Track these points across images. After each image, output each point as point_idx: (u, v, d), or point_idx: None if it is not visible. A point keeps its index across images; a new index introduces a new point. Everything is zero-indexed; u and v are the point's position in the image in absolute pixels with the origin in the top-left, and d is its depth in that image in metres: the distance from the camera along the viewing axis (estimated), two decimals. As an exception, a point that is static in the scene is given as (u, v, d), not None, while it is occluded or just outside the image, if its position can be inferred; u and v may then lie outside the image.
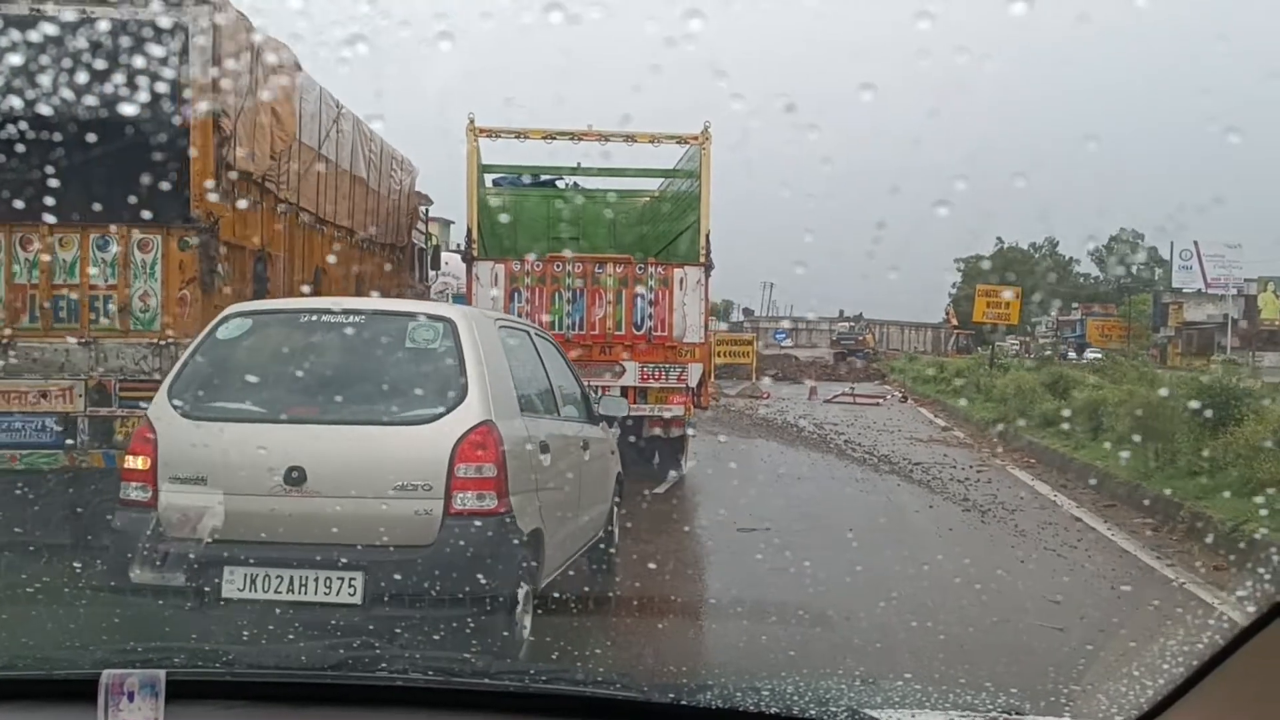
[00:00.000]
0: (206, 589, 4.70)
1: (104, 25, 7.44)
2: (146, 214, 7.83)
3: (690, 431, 12.58)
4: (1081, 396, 16.17)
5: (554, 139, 12.31)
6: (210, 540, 4.74)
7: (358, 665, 2.13)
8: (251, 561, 4.73)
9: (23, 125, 7.96)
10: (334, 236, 10.50)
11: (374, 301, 8.62)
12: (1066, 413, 15.39)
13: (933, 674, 4.90)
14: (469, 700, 2.01)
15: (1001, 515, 10.27)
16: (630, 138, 12.31)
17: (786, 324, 58.40)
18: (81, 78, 7.36)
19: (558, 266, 11.79)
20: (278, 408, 5.12)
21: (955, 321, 59.30)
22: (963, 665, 5.21)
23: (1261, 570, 2.21)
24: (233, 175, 8.12)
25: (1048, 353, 41.03)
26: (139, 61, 7.47)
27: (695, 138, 12.12)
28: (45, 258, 7.78)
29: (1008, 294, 31.13)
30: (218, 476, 4.85)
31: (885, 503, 11.06)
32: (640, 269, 11.88)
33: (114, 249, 7.81)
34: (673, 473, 12.59)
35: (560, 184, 14.90)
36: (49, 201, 7.60)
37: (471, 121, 12.12)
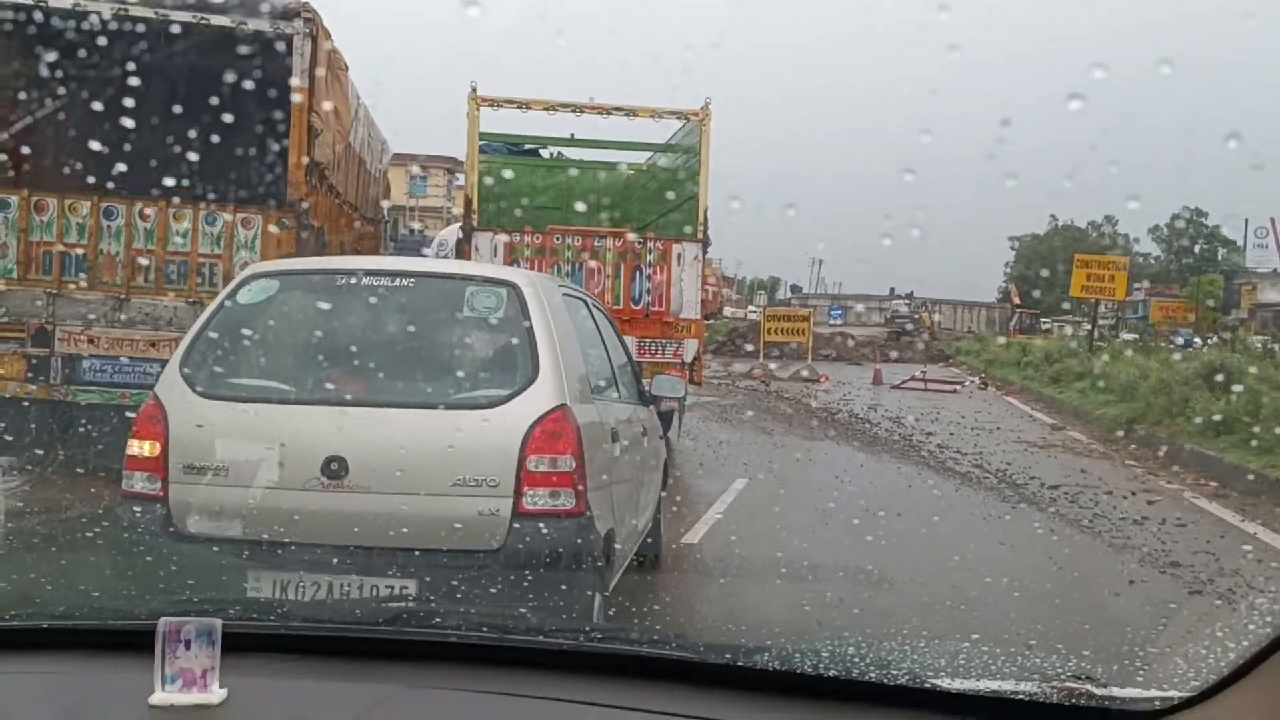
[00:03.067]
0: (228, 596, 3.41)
1: (217, 32, 7.18)
2: (250, 197, 7.64)
3: (687, 399, 9.53)
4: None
5: (556, 110, 10.29)
6: (232, 541, 3.53)
7: (412, 620, 1.75)
8: (282, 566, 3.47)
9: (146, 112, 7.73)
10: (350, 214, 9.88)
11: (423, 262, 7.24)
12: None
13: (1001, 635, 3.84)
14: (523, 657, 1.63)
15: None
16: (631, 112, 10.35)
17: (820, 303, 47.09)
18: (200, 76, 7.11)
19: (557, 239, 9.81)
20: (312, 386, 3.78)
21: (1019, 299, 48.34)
22: (1034, 626, 4.05)
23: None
24: (313, 166, 7.89)
25: (1140, 336, 30.54)
26: (249, 66, 7.22)
27: (695, 114, 10.16)
28: (161, 228, 7.58)
29: (1114, 264, 22.56)
30: (241, 467, 3.53)
31: (1057, 576, 5.69)
32: (639, 243, 9.93)
33: (220, 224, 7.61)
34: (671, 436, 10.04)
35: (544, 154, 12.76)
36: (167, 180, 7.39)
37: (474, 90, 9.95)
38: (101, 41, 6.72)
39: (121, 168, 7.01)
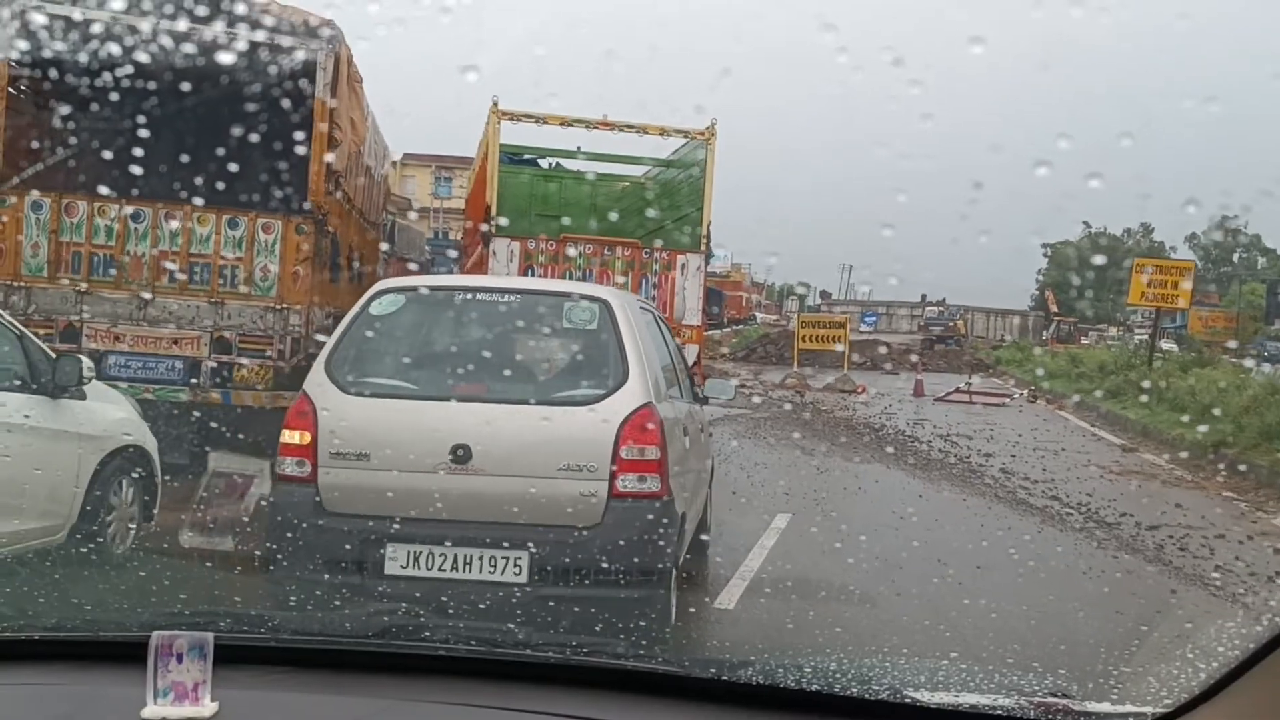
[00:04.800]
0: (367, 565, 3.81)
1: (244, 47, 7.12)
2: (271, 203, 7.58)
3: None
4: None
5: (570, 125, 10.35)
6: (371, 517, 3.85)
7: (401, 634, 1.70)
8: (414, 539, 3.82)
9: (175, 121, 7.68)
10: (358, 220, 9.81)
11: (526, 281, 7.75)
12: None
13: (979, 653, 3.85)
14: (511, 671, 1.59)
15: None
16: (641, 129, 10.43)
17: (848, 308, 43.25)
18: (228, 88, 7.04)
19: (570, 247, 9.93)
20: (439, 385, 4.15)
21: (1056, 307, 46.28)
22: (1011, 645, 4.01)
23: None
24: (330, 174, 7.84)
25: (1185, 345, 27.49)
26: (274, 79, 7.16)
27: (701, 133, 10.14)
28: (185, 232, 7.52)
29: (1178, 269, 19.24)
30: (381, 453, 3.89)
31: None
32: (647, 253, 10.07)
33: (242, 229, 7.55)
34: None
35: (543, 163, 12.74)
36: (192, 186, 7.34)
37: (495, 104, 9.95)
38: (136, 56, 6.67)
39: (150, 173, 6.97)
